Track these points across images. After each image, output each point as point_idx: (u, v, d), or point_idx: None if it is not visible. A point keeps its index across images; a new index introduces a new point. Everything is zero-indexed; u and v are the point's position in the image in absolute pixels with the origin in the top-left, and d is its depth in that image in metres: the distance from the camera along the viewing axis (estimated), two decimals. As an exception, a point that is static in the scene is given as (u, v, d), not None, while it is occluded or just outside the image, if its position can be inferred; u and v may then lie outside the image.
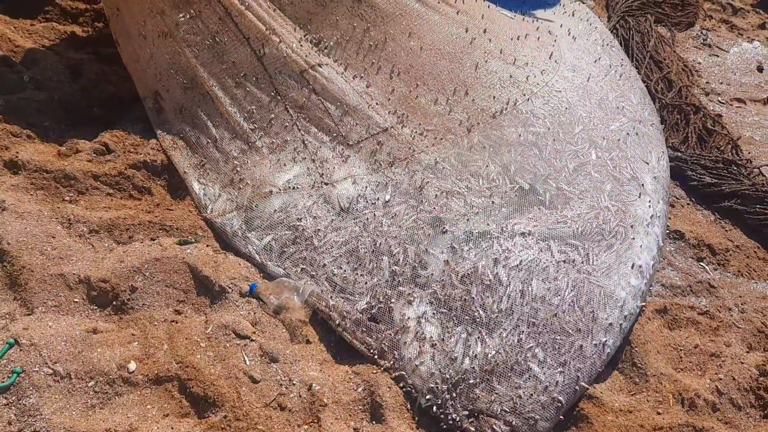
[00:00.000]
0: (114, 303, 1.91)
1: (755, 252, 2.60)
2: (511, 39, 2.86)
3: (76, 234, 2.03)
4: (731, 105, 3.54)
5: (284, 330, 1.95)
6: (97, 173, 2.24)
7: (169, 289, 1.96)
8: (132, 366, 1.73)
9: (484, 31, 2.78)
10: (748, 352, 2.15)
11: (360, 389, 1.81)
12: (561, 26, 3.31)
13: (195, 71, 2.47)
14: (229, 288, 1.99)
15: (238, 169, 2.35)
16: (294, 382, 1.79)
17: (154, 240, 2.09)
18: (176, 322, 1.89)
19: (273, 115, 2.43)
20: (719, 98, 3.57)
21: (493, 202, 2.27)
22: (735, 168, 2.90)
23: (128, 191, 2.27)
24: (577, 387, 1.90)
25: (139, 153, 2.36)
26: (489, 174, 2.35)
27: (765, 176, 2.92)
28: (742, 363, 2.07)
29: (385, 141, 2.40)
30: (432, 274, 2.07)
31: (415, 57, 2.60)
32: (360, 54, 2.58)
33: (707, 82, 3.69)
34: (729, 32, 4.28)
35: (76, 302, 1.87)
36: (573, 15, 3.61)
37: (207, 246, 2.12)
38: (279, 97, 2.45)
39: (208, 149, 2.41)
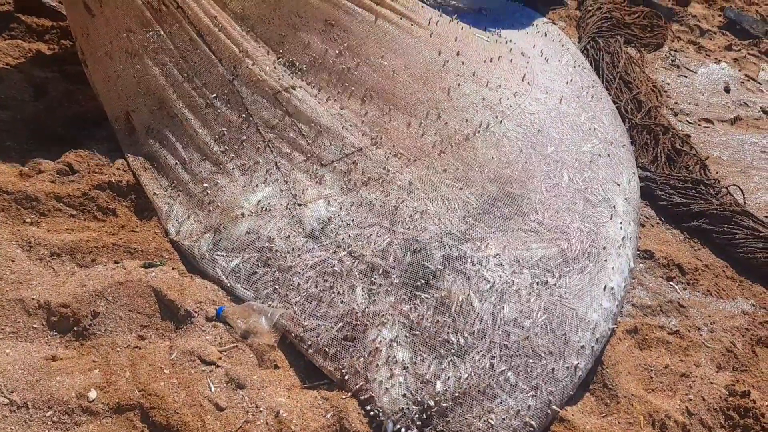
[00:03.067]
0: (75, 329, 1.85)
1: (723, 271, 2.62)
2: (484, 61, 2.88)
3: (36, 257, 1.98)
4: (699, 125, 3.61)
5: (252, 355, 1.90)
6: (59, 194, 2.18)
7: (133, 313, 1.91)
8: (92, 394, 1.68)
9: (457, 54, 2.79)
10: (717, 371, 2.16)
11: (329, 415, 1.78)
12: (534, 47, 3.34)
13: (163, 92, 2.44)
14: (195, 312, 1.94)
15: (208, 191, 2.31)
16: (261, 409, 1.75)
17: (118, 263, 2.04)
18: (139, 348, 1.84)
19: (245, 137, 2.40)
20: (688, 118, 3.63)
21: (466, 223, 2.26)
22: (703, 188, 2.94)
23: (92, 213, 2.22)
24: (549, 411, 1.88)
25: (104, 174, 2.31)
26: (462, 195, 2.35)
27: (733, 196, 2.97)
28: (712, 383, 2.08)
29: (360, 161, 2.39)
30: (405, 296, 2.05)
31: (388, 80, 2.60)
32: (333, 76, 2.57)
33: (676, 103, 3.75)
34: (697, 53, 4.37)
35: (35, 328, 1.81)
36: (545, 36, 3.66)
37: (173, 269, 2.08)
38: (251, 118, 2.42)
39: (177, 171, 2.37)
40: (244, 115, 2.43)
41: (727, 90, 3.99)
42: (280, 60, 2.54)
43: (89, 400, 1.66)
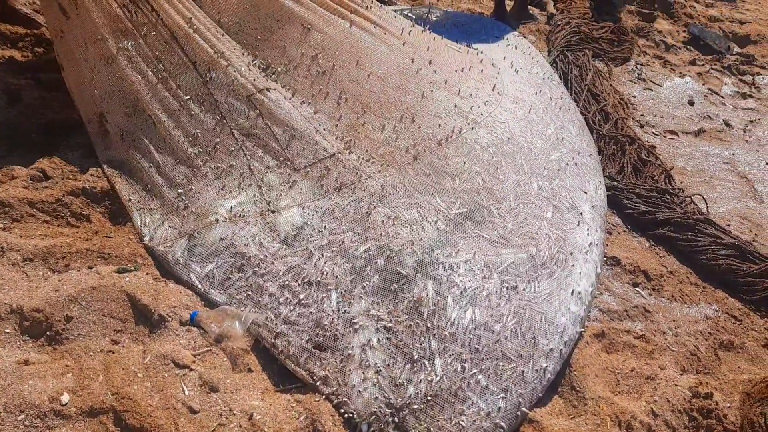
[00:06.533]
0: (48, 333, 1.85)
1: (687, 277, 2.70)
2: (456, 71, 2.93)
3: (9, 263, 1.97)
4: (664, 137, 3.71)
5: (225, 359, 1.91)
6: (33, 200, 2.17)
7: (107, 318, 1.91)
8: (65, 398, 1.67)
9: (430, 63, 2.84)
10: (681, 374, 2.22)
11: (302, 418, 1.79)
12: (504, 59, 3.42)
13: (138, 95, 2.44)
14: (169, 317, 1.95)
15: (183, 196, 2.32)
16: (234, 412, 1.76)
17: (91, 268, 2.04)
18: (113, 353, 1.83)
19: (218, 139, 2.41)
20: (653, 130, 3.73)
21: (438, 229, 2.30)
22: (668, 197, 3.02)
23: (66, 218, 2.21)
24: (518, 412, 1.92)
25: (78, 180, 2.31)
26: (434, 201, 2.39)
27: (696, 205, 3.05)
28: (676, 385, 2.14)
29: (333, 166, 2.41)
30: (378, 301, 2.08)
31: (362, 85, 2.64)
32: (308, 80, 2.59)
33: (642, 115, 3.85)
34: (662, 68, 4.50)
35: (8, 333, 1.81)
36: (516, 48, 3.75)
37: (147, 274, 2.08)
38: (225, 121, 2.43)
39: (151, 175, 2.38)
40: (218, 117, 2.43)
41: (691, 103, 4.11)
42: (255, 62, 2.56)
43: (62, 403, 1.66)
